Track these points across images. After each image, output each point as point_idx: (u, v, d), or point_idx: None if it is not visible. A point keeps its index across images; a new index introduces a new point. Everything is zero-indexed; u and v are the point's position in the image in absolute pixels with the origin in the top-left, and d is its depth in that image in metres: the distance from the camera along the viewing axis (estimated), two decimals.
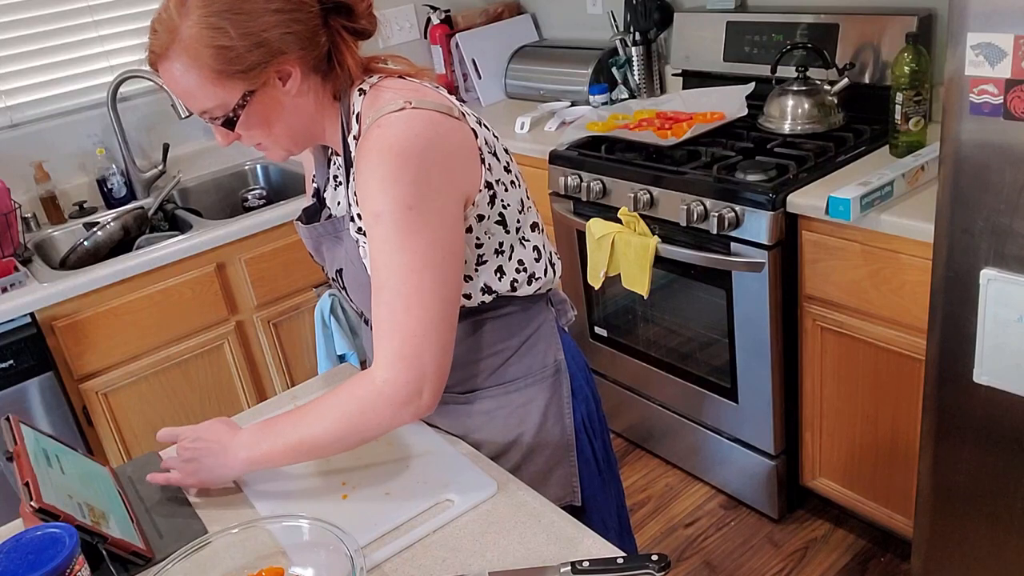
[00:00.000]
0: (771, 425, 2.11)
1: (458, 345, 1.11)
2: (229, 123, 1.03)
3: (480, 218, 1.08)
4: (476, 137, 1.06)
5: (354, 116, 1.07)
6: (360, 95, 1.07)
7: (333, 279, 1.21)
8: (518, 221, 1.13)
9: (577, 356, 1.28)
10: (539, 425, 1.21)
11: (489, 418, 1.21)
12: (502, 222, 1.11)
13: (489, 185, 1.07)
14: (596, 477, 1.29)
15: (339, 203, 1.18)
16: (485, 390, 1.21)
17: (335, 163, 1.19)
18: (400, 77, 1.09)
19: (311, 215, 1.24)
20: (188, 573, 0.96)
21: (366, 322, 1.25)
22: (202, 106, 1.02)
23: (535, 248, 1.16)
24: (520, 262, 1.14)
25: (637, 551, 1.45)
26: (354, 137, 1.07)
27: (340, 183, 1.18)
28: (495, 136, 1.13)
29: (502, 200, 1.10)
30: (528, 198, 1.17)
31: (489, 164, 1.07)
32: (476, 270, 1.11)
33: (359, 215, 1.08)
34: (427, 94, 1.05)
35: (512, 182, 1.12)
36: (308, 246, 1.24)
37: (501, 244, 1.12)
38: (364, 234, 1.09)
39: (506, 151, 1.14)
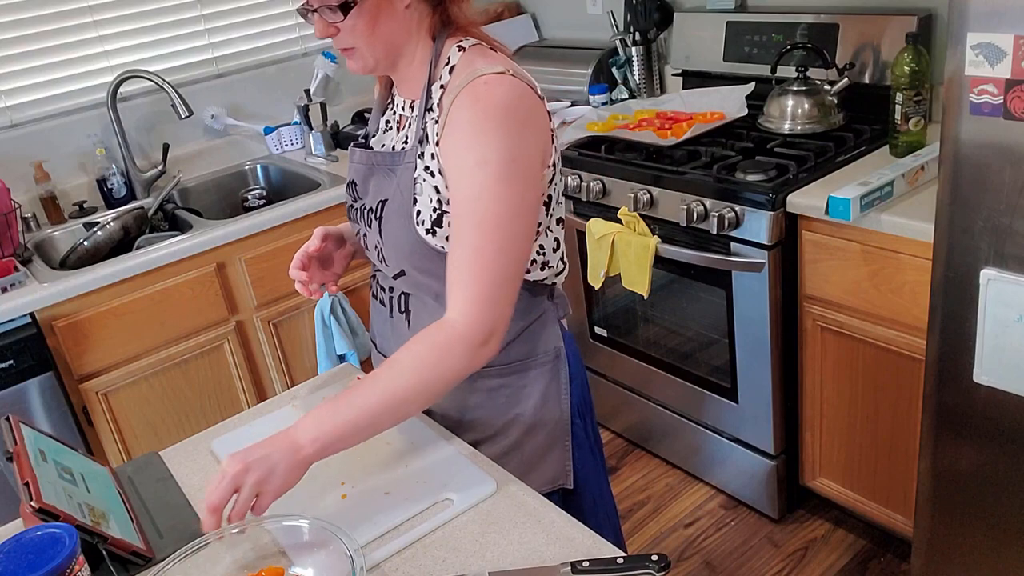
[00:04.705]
0: (771, 425, 2.11)
1: None
2: (345, 7, 1.05)
3: None
4: (550, 119, 1.13)
5: (447, 67, 1.11)
6: (459, 50, 1.11)
7: (371, 209, 1.22)
8: (552, 209, 1.19)
9: (571, 343, 1.33)
10: (538, 406, 1.25)
11: (490, 396, 1.25)
12: (547, 204, 1.16)
13: (553, 165, 1.14)
14: (589, 458, 1.34)
15: (405, 141, 1.20)
16: (488, 369, 1.22)
17: (392, 109, 1.23)
18: (492, 49, 1.15)
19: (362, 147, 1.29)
20: (188, 573, 0.96)
21: (377, 269, 1.27)
22: None
23: (555, 239, 1.22)
24: (541, 247, 1.20)
25: (622, 533, 1.47)
26: (441, 86, 1.11)
27: (391, 128, 1.23)
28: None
29: (554, 184, 1.16)
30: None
31: (556, 146, 1.14)
32: None
33: (434, 155, 1.10)
34: (519, 69, 1.11)
35: (557, 173, 1.18)
36: (353, 173, 1.26)
37: (539, 224, 1.16)
38: (431, 173, 1.11)
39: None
